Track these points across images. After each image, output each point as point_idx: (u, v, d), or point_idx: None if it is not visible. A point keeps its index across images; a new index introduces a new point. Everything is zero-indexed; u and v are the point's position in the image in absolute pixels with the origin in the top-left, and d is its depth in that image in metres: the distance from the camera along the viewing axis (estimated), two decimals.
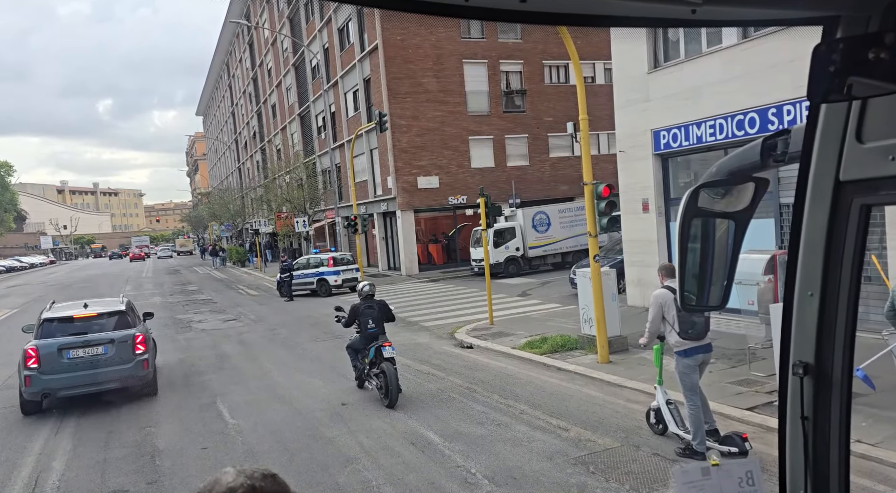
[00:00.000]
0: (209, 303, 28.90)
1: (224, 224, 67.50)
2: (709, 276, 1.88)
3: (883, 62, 1.20)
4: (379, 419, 9.60)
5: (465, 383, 11.35)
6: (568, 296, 20.98)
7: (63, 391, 10.88)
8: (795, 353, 1.74)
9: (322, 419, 9.81)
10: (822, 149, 1.59)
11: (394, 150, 33.29)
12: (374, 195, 36.57)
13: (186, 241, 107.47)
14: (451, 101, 34.14)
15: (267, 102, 60.98)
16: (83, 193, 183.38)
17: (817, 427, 1.72)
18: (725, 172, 1.86)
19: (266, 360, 15.23)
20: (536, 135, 36.09)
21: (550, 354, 12.66)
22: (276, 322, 21.31)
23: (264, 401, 11.26)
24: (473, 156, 34.87)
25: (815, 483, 1.74)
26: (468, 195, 34.21)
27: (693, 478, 2.01)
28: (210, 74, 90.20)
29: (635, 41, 15.71)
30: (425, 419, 9.42)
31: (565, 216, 29.66)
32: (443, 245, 36.18)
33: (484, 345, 14.46)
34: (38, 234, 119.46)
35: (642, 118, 16.03)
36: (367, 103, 36.21)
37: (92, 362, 10.92)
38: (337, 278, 27.97)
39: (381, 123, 29.18)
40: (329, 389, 11.71)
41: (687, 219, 1.81)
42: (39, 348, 10.83)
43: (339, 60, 39.38)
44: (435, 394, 10.76)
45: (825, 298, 1.67)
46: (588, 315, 12.34)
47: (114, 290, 39.44)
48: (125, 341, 11.21)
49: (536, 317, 17.72)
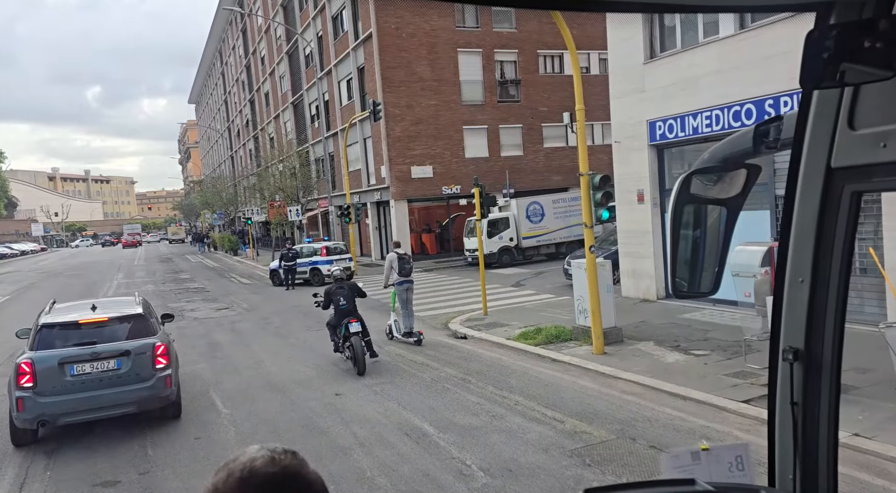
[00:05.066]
0: (202, 291, 28.76)
1: (217, 212, 67.15)
2: (700, 262, 1.88)
3: (876, 49, 1.20)
4: (373, 409, 9.55)
5: (460, 373, 11.31)
6: (562, 286, 20.96)
7: (65, 417, 8.75)
8: (785, 339, 1.76)
9: (316, 409, 9.76)
10: (813, 136, 1.60)
11: (388, 139, 33.14)
12: (368, 184, 36.44)
13: (178, 229, 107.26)
14: (446, 90, 33.97)
15: (260, 90, 60.63)
16: (75, 180, 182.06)
17: (806, 412, 1.74)
18: (718, 158, 1.86)
19: (259, 349, 15.14)
20: (531, 125, 35.98)
21: (545, 345, 12.62)
22: (268, 311, 21.21)
23: (257, 390, 11.19)
24: (467, 146, 34.75)
25: (804, 467, 1.76)
26: (462, 185, 34.11)
27: (682, 463, 2.01)
28: (203, 62, 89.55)
29: (631, 30, 15.62)
30: (419, 409, 9.37)
31: (559, 207, 29.61)
32: (436, 235, 36.11)
33: (478, 336, 14.41)
34: (28, 221, 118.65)
35: (638, 109, 15.95)
36: (360, 92, 36.01)
37: (102, 381, 8.78)
38: (330, 268, 27.83)
39: (376, 112, 29.02)
40: (323, 379, 11.66)
41: (679, 205, 1.82)
42: (36, 361, 8.59)
43: (333, 48, 39.13)
44: (429, 384, 10.71)
45: (815, 284, 1.69)
46: (583, 306, 12.30)
47: (105, 277, 39.33)
48: (143, 353, 9.05)
49: (531, 307, 17.69)
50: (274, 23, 50.43)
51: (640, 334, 12.66)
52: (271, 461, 1.18)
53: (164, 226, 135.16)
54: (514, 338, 13.47)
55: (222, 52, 79.31)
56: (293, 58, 48.82)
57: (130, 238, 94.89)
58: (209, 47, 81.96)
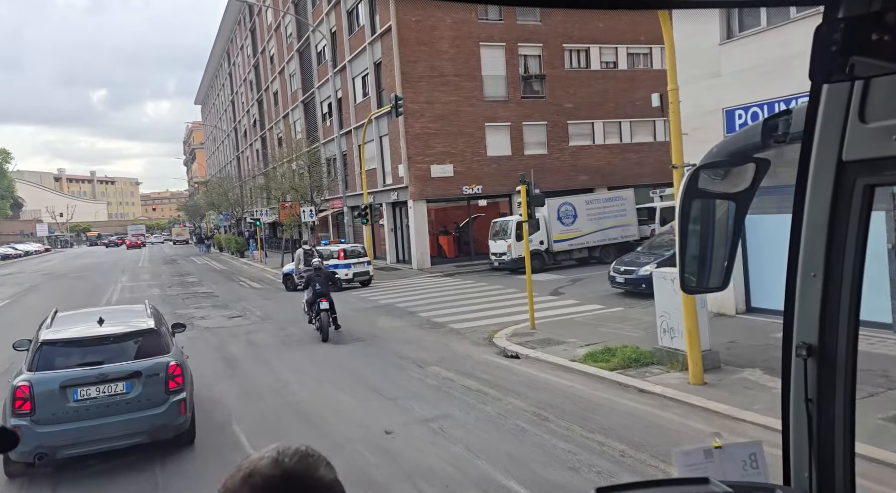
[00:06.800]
0: (210, 296, 26.99)
1: (223, 213, 65.39)
2: (709, 257, 1.87)
3: (885, 42, 1.18)
4: (436, 456, 7.70)
5: (530, 406, 9.43)
6: (608, 295, 19.11)
7: (67, 450, 7.63)
8: (799, 334, 1.72)
9: (364, 454, 7.92)
10: (824, 129, 1.57)
11: (406, 136, 31.28)
12: (384, 184, 34.58)
13: (182, 230, 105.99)
14: (467, 85, 32.10)
15: (269, 90, 58.89)
16: (80, 181, 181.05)
17: (821, 409, 1.69)
18: (727, 152, 1.85)
19: (281, 366, 13.41)
20: (556, 122, 34.11)
21: (623, 370, 10.69)
22: (285, 320, 19.42)
23: (288, 424, 9.41)
24: (489, 143, 32.87)
25: (820, 466, 1.71)
26: (483, 185, 32.32)
27: (695, 461, 1.94)
28: (210, 63, 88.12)
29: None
30: (496, 458, 7.49)
31: (593, 208, 27.71)
32: (454, 237, 34.29)
33: (533, 355, 12.59)
34: (34, 221, 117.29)
35: (711, 96, 14.11)
36: (377, 88, 34.19)
37: (109, 407, 7.72)
38: (348, 272, 26.06)
39: (397, 108, 27.26)
40: (365, 410, 9.83)
41: (687, 200, 1.82)
42: (34, 384, 7.53)
43: (348, 44, 37.33)
44: (496, 421, 8.84)
45: (828, 279, 1.65)
46: (668, 324, 10.42)
47: (109, 280, 37.58)
48: (156, 375, 8.01)
49: (581, 321, 15.85)
50: (289, 16, 48.68)
51: (738, 358, 10.64)
52: (273, 463, 1.16)
53: (167, 227, 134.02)
54: (581, 359, 11.63)
55: (230, 52, 77.68)
56: (304, 55, 47.07)
57: (134, 239, 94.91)
58: (216, 47, 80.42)
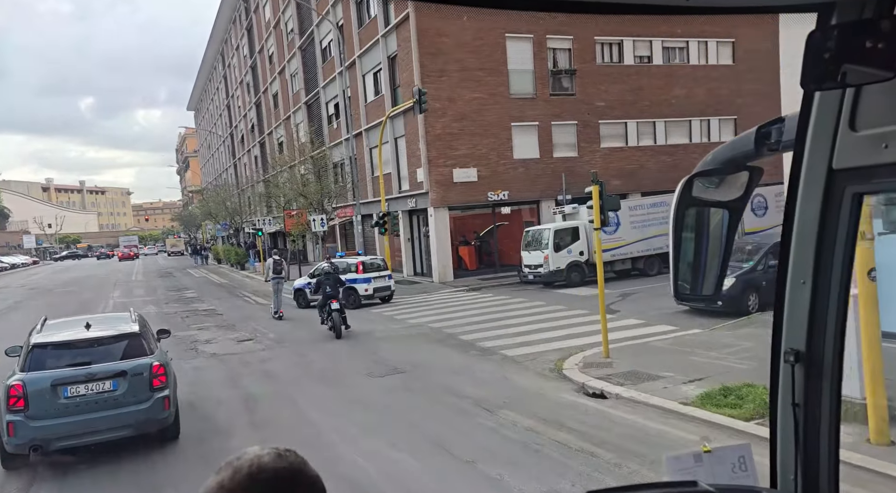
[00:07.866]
0: (213, 315, 24.22)
1: (221, 223, 62.49)
2: (703, 266, 1.89)
3: (877, 49, 1.18)
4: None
5: (647, 469, 6.71)
6: (672, 314, 16.41)
7: (59, 442, 8.43)
8: (787, 340, 1.75)
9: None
10: (815, 137, 1.59)
11: (426, 137, 28.60)
12: (400, 190, 31.87)
13: (177, 241, 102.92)
14: (492, 81, 29.46)
15: (268, 92, 56.21)
16: (69, 191, 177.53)
17: (808, 414, 1.73)
18: (720, 161, 1.85)
19: (310, 407, 10.78)
20: (586, 122, 31.51)
21: (762, 419, 8.08)
22: (302, 344, 16.77)
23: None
24: (516, 145, 30.22)
25: (806, 469, 1.75)
26: (510, 190, 29.69)
27: (685, 465, 1.97)
28: (203, 66, 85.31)
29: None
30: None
31: (636, 215, 25.09)
32: (475, 247, 31.61)
33: (625, 394, 9.88)
34: (21, 233, 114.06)
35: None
36: (391, 85, 31.53)
37: (97, 403, 8.55)
38: (367, 287, 23.31)
39: (420, 103, 24.60)
40: (432, 475, 7.19)
41: (681, 208, 1.84)
42: (27, 383, 8.39)
43: (357, 37, 34.69)
44: None
45: (817, 286, 1.68)
46: None
47: (100, 295, 34.73)
48: (140, 374, 8.84)
49: (661, 346, 13.18)
50: (286, 14, 46.05)
51: None
52: (278, 457, 1.18)
53: (161, 238, 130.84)
54: (696, 403, 8.92)
55: (224, 54, 74.97)
56: (307, 53, 44.41)
57: (127, 250, 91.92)
58: (210, 50, 77.63)
